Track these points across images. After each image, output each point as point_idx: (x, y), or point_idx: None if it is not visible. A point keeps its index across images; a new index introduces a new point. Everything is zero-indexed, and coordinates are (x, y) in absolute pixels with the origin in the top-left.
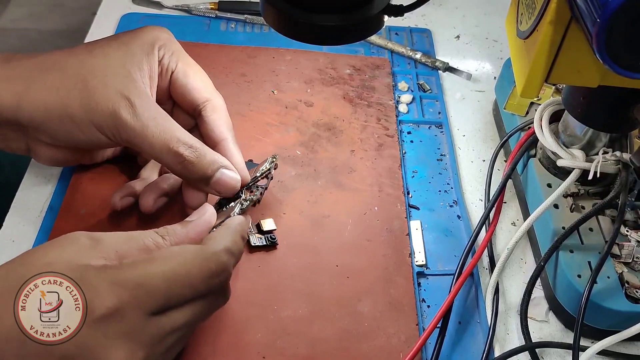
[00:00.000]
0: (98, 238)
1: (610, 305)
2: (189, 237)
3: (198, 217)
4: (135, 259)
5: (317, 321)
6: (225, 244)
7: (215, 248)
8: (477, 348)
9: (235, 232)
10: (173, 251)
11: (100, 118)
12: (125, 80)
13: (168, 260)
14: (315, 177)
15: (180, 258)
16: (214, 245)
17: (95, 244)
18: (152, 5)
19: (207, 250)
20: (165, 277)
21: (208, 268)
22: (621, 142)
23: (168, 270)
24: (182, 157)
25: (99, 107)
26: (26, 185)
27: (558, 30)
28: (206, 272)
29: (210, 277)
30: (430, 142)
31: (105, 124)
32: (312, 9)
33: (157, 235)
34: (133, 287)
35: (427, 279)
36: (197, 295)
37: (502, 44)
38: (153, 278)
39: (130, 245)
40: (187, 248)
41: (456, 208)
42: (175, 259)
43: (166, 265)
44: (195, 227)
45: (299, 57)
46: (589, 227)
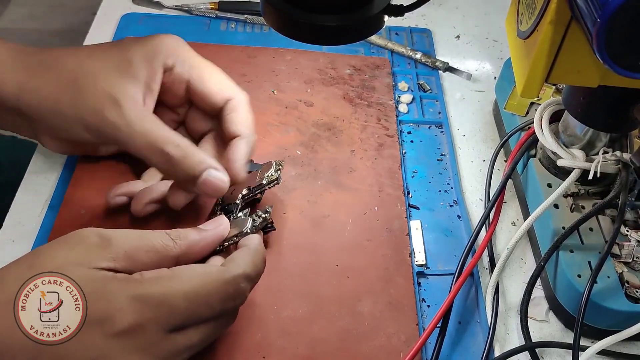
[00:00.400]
0: (108, 237)
1: (610, 305)
2: (200, 245)
3: (213, 227)
4: (158, 274)
5: (317, 321)
6: (245, 268)
7: (235, 272)
8: (477, 348)
9: (256, 254)
10: (196, 270)
11: (87, 116)
12: (115, 83)
13: (191, 279)
14: (315, 177)
15: (203, 278)
16: (235, 269)
17: (104, 243)
18: (152, 5)
19: (228, 273)
20: (186, 296)
21: (226, 291)
22: (621, 142)
23: (190, 290)
24: (168, 155)
25: (86, 106)
26: (26, 185)
27: (558, 30)
28: (224, 295)
29: (227, 300)
30: (430, 142)
31: (92, 122)
32: (312, 9)
33: (168, 237)
34: (155, 304)
35: (427, 278)
36: (212, 316)
37: (502, 44)
38: (175, 296)
39: (139, 245)
40: (210, 269)
41: (456, 208)
42: (197, 279)
43: (188, 284)
44: (207, 237)
45: (299, 57)
46: (589, 227)
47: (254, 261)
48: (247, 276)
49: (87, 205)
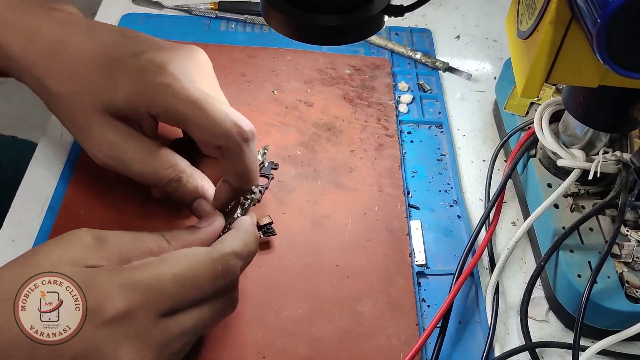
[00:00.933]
0: (102, 237)
1: (610, 305)
2: (195, 245)
3: (206, 224)
4: (145, 261)
5: (317, 321)
6: (234, 246)
7: (223, 250)
8: (477, 348)
9: (246, 234)
10: (182, 253)
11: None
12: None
13: (177, 261)
14: (315, 177)
15: (191, 260)
16: (222, 247)
17: (99, 243)
18: (152, 6)
19: (216, 252)
20: (175, 278)
21: (214, 269)
22: (621, 142)
23: (178, 271)
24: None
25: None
26: (26, 185)
27: (558, 30)
28: (213, 274)
29: (217, 278)
30: (430, 142)
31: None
32: (312, 9)
33: (162, 239)
34: (144, 288)
35: (427, 278)
36: (203, 297)
37: (502, 44)
38: (163, 280)
39: (134, 247)
40: (196, 250)
41: (456, 208)
42: (184, 261)
43: (176, 267)
44: (202, 235)
45: (299, 57)
46: (589, 227)
47: (244, 239)
48: (236, 253)
49: (87, 206)
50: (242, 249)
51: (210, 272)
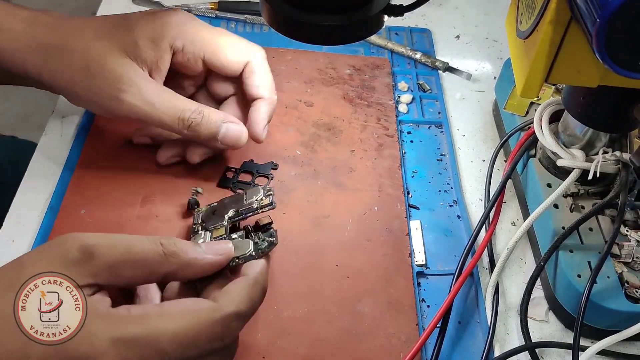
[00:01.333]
0: (90, 250)
1: (610, 305)
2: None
3: (213, 253)
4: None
5: (317, 321)
6: (239, 305)
7: (227, 310)
8: (477, 348)
9: (255, 287)
10: (185, 307)
11: (104, 101)
12: (124, 66)
13: (177, 319)
14: (315, 177)
15: (190, 319)
16: (227, 306)
17: (86, 258)
18: (152, 6)
19: (219, 312)
20: (174, 338)
21: (215, 332)
22: (621, 142)
23: (177, 330)
24: (189, 121)
25: (102, 93)
26: (26, 185)
27: (558, 30)
28: (212, 335)
29: (215, 340)
30: (430, 142)
31: (109, 105)
32: (312, 9)
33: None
34: (140, 346)
35: (427, 278)
36: (199, 356)
37: (502, 44)
38: (160, 338)
39: (126, 259)
40: (198, 307)
41: (456, 208)
42: (185, 320)
43: (176, 324)
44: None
45: (299, 57)
46: (588, 227)
47: (251, 295)
48: (239, 315)
49: (87, 205)
50: (246, 308)
51: (210, 334)
